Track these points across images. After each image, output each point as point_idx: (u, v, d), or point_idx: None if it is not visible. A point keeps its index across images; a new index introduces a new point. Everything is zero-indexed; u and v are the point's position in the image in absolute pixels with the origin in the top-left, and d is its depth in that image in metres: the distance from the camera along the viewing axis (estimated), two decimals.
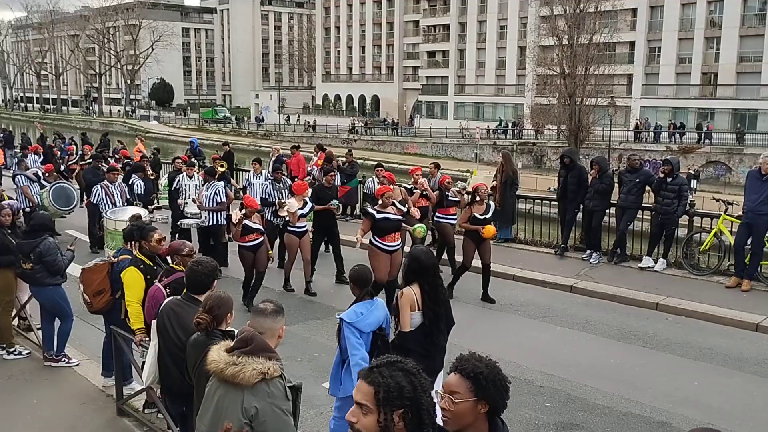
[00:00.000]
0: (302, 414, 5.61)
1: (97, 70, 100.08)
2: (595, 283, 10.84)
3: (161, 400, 5.65)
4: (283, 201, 11.42)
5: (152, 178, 15.25)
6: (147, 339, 5.79)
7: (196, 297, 4.88)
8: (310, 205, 10.87)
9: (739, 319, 9.17)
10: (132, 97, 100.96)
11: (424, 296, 5.53)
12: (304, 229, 10.77)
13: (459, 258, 10.77)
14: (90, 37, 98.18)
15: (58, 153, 20.47)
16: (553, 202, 13.70)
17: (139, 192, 13.46)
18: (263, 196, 12.50)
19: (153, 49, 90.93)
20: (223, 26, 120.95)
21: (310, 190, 11.49)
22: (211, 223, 12.00)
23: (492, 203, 10.42)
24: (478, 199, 10.11)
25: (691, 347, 8.37)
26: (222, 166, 15.92)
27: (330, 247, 12.24)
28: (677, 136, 49.84)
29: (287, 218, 10.88)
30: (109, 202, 12.33)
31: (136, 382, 6.66)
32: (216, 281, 5.04)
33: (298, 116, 78.49)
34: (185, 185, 12.98)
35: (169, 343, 4.94)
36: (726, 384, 7.39)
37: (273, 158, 18.16)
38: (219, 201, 11.98)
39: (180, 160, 14.64)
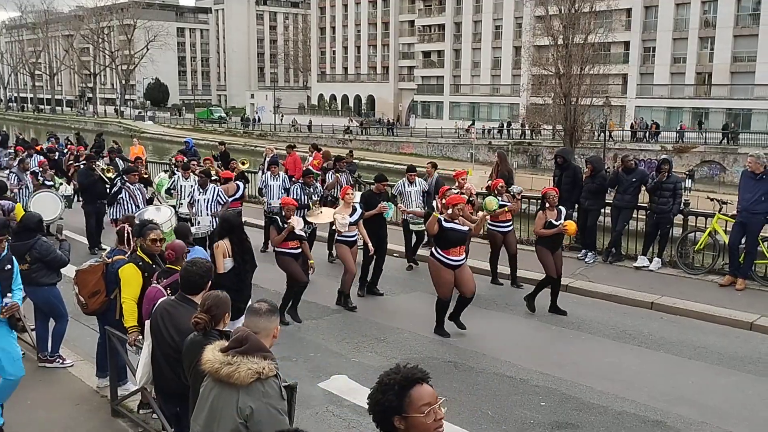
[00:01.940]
0: (297, 414, 5.60)
1: (92, 70, 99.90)
2: (590, 282, 10.86)
3: (155, 400, 5.64)
4: (317, 207, 10.68)
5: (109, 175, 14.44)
6: (141, 338, 5.77)
7: (190, 297, 4.88)
8: (359, 211, 10.00)
9: (734, 318, 9.19)
10: (127, 97, 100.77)
11: (234, 247, 7.36)
12: (355, 237, 10.00)
13: (533, 273, 10.54)
14: (84, 37, 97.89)
15: (57, 154, 20.30)
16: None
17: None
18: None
19: (148, 49, 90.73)
20: (218, 26, 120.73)
21: (358, 195, 10.77)
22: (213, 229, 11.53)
23: (563, 208, 9.70)
24: (547, 205, 9.46)
25: (686, 346, 8.39)
26: (244, 163, 15.50)
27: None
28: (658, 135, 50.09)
29: (327, 227, 10.37)
30: (132, 205, 12.00)
31: (131, 383, 6.64)
32: (210, 282, 5.03)
33: (282, 116, 78.14)
34: (180, 186, 12.70)
35: (163, 343, 4.93)
36: (721, 383, 7.40)
37: (267, 158, 18.14)
38: (223, 202, 11.67)
39: (176, 160, 14.55)
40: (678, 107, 54.36)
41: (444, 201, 10.23)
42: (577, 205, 12.35)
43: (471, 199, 10.54)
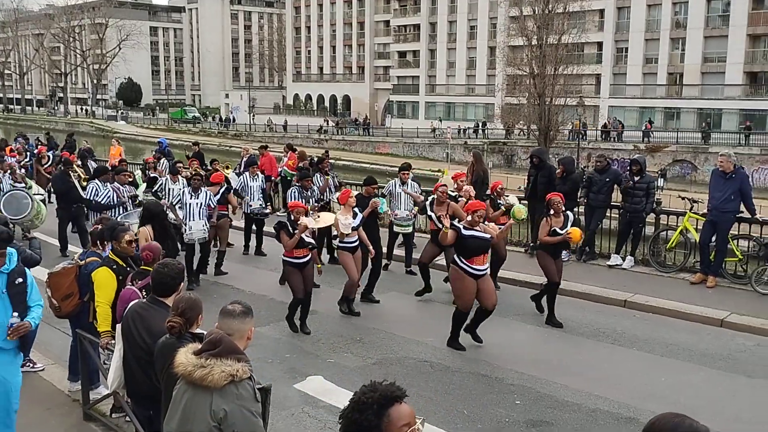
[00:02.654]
0: (273, 415, 5.58)
1: (63, 70, 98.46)
2: (564, 281, 10.87)
3: (128, 404, 5.58)
4: (314, 212, 10.24)
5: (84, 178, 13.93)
6: (113, 342, 5.70)
7: (162, 300, 4.84)
8: (360, 215, 9.53)
9: (705, 315, 9.33)
10: (99, 96, 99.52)
11: (155, 233, 8.02)
12: (356, 243, 9.54)
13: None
14: (55, 36, 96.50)
15: (26, 155, 19.91)
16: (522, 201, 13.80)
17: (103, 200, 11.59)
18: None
19: (120, 49, 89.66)
20: (192, 25, 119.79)
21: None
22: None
23: (570, 214, 9.25)
24: (552, 212, 9.04)
25: (658, 343, 8.50)
26: (228, 167, 14.97)
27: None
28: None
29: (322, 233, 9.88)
30: (120, 206, 11.42)
31: (104, 387, 6.55)
32: (182, 284, 4.99)
33: (253, 115, 77.68)
34: (169, 189, 12.24)
35: (135, 346, 4.87)
36: (692, 379, 7.51)
37: (244, 159, 18.05)
38: (213, 206, 11.26)
39: (146, 162, 14.30)
40: (650, 107, 55.06)
41: (437, 201, 10.04)
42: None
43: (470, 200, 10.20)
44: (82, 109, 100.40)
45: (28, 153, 20.07)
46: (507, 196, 10.63)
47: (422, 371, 7.68)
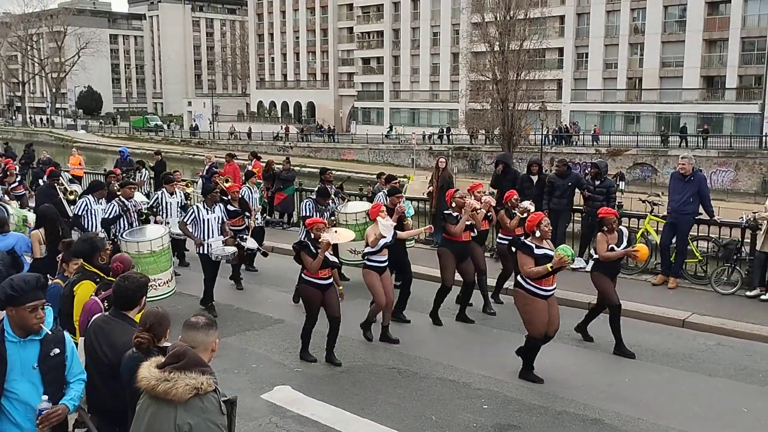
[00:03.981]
0: (240, 427, 5.52)
1: (20, 79, 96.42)
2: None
3: (91, 419, 5.46)
4: (329, 227, 9.45)
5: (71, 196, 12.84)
6: None
7: (125, 313, 4.76)
8: (392, 231, 8.72)
9: (667, 316, 9.50)
10: (58, 105, 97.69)
11: (47, 235, 8.26)
12: (385, 263, 8.76)
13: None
14: (12, 44, 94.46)
15: None
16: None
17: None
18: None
19: (79, 57, 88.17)
20: (152, 33, 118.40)
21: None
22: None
23: (625, 230, 8.60)
24: (605, 228, 8.32)
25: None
26: (227, 181, 13.81)
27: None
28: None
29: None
30: (125, 222, 10.30)
31: None
32: (145, 298, 4.91)
33: (210, 122, 77.02)
34: (166, 203, 11.46)
35: (97, 361, 4.78)
36: (655, 379, 7.63)
37: (206, 167, 17.88)
38: (225, 219, 10.43)
39: (114, 175, 13.08)
40: (611, 111, 56.06)
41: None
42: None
43: (489, 214, 9.78)
44: (40, 118, 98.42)
45: None
46: (521, 204, 10.07)
47: (390, 378, 7.68)
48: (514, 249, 7.66)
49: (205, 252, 9.94)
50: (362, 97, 75.63)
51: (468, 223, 9.18)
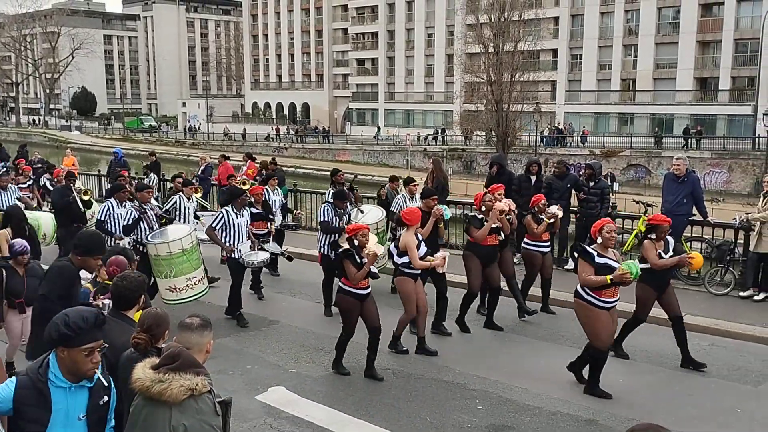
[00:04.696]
0: (235, 428, 5.53)
1: (14, 79, 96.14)
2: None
3: None
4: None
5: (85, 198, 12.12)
6: None
7: (123, 313, 4.77)
8: (423, 245, 8.30)
9: (660, 317, 9.47)
10: (52, 106, 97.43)
11: (14, 234, 8.25)
12: (420, 270, 8.31)
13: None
14: (5, 45, 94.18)
15: None
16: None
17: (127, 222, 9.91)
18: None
19: (73, 57, 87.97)
20: (147, 33, 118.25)
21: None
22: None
23: (671, 239, 8.03)
24: (653, 236, 7.72)
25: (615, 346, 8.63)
26: (244, 183, 13.23)
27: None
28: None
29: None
30: (145, 226, 9.89)
31: None
32: (143, 297, 4.92)
33: (200, 124, 76.72)
34: (184, 208, 10.78)
35: None
36: (649, 380, 7.66)
37: (201, 167, 17.87)
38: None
39: (122, 177, 12.08)
40: (605, 113, 56.23)
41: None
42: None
43: (509, 216, 9.37)
44: (34, 119, 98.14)
45: None
46: (548, 209, 9.75)
47: (385, 378, 7.67)
48: (576, 255, 7.25)
49: (236, 258, 9.49)
50: (357, 98, 75.65)
51: (494, 226, 8.90)
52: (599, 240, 7.00)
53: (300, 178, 32.55)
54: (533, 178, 12.24)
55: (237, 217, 9.62)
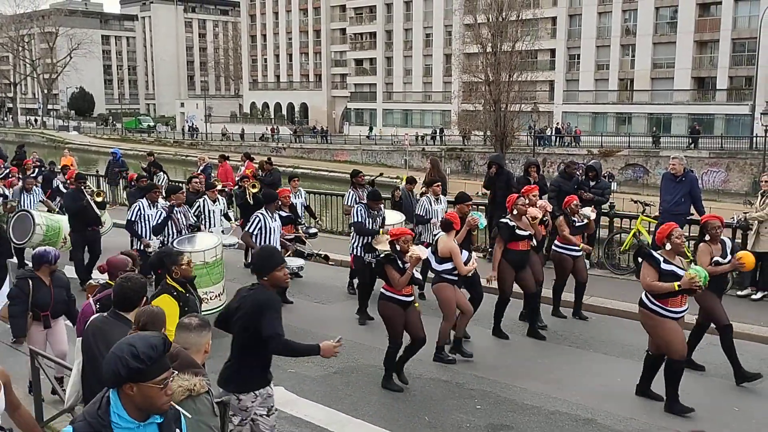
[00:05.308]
0: (232, 428, 5.52)
1: (12, 80, 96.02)
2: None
3: None
4: (383, 233, 9.06)
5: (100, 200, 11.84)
6: None
7: (124, 314, 4.76)
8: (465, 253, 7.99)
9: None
10: (50, 107, 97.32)
11: None
12: (458, 275, 8.03)
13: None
14: (3, 45, 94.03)
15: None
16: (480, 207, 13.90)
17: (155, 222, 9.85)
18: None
19: (71, 58, 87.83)
20: (145, 34, 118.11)
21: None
22: None
23: (727, 240, 7.56)
24: (708, 238, 7.30)
25: (614, 344, 8.67)
26: (254, 186, 13.01)
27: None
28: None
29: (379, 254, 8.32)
30: (173, 229, 9.67)
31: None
32: (145, 299, 4.91)
33: (193, 124, 76.58)
34: (209, 211, 10.43)
35: (95, 362, 4.77)
36: None
37: (200, 168, 17.85)
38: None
39: (144, 178, 12.25)
40: (603, 112, 56.28)
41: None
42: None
43: (545, 219, 9.09)
44: (31, 119, 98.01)
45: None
46: (581, 210, 9.43)
47: (378, 378, 7.68)
48: (639, 259, 6.86)
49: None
50: (355, 98, 75.64)
51: (527, 233, 8.63)
52: (667, 246, 6.58)
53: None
54: (531, 180, 12.19)
55: (273, 221, 9.37)
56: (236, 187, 14.46)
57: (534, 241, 8.89)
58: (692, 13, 50.92)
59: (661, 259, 6.50)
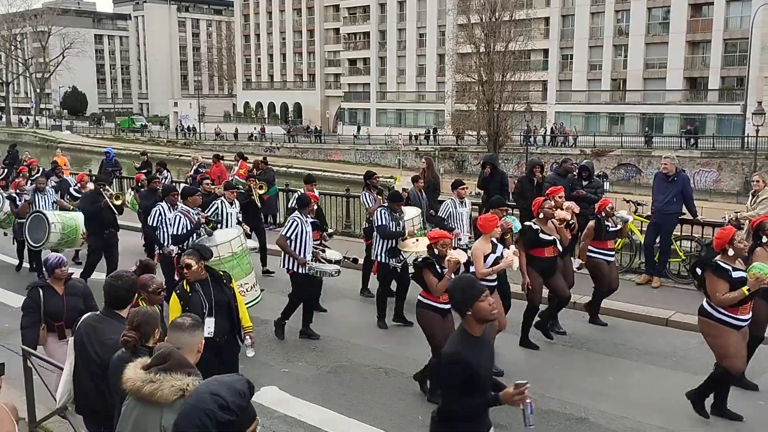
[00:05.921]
0: None
1: (4, 79, 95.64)
2: (515, 284, 11.00)
3: (83, 420, 5.44)
4: (410, 236, 8.83)
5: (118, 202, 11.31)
6: None
7: (116, 312, 4.77)
8: (501, 248, 7.50)
9: (650, 315, 9.57)
10: (42, 106, 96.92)
11: None
12: (495, 282, 7.48)
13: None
14: None
15: None
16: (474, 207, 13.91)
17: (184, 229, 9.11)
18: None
19: (64, 57, 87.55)
20: (138, 33, 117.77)
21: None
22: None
23: None
24: (765, 240, 6.80)
25: (607, 343, 8.69)
26: (261, 188, 12.78)
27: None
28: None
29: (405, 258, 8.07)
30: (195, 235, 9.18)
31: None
32: (136, 296, 4.92)
33: (181, 122, 76.38)
34: (226, 213, 9.98)
35: (88, 360, 4.77)
36: (639, 378, 7.69)
37: (194, 167, 17.81)
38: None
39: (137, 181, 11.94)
40: (595, 112, 56.44)
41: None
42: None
43: (572, 222, 8.74)
44: (23, 118, 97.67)
45: None
46: (617, 213, 9.14)
47: (377, 378, 7.69)
48: (699, 271, 6.47)
49: (305, 272, 8.75)
50: (348, 98, 75.62)
51: (551, 238, 8.28)
52: (730, 252, 6.21)
53: (292, 178, 32.49)
54: (536, 180, 12.04)
55: (307, 226, 8.87)
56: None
57: (560, 246, 8.46)
58: (684, 14, 51.13)
59: (730, 267, 6.18)
